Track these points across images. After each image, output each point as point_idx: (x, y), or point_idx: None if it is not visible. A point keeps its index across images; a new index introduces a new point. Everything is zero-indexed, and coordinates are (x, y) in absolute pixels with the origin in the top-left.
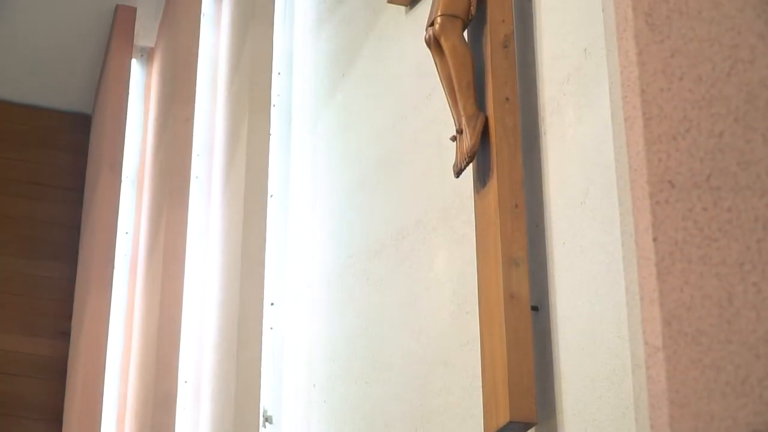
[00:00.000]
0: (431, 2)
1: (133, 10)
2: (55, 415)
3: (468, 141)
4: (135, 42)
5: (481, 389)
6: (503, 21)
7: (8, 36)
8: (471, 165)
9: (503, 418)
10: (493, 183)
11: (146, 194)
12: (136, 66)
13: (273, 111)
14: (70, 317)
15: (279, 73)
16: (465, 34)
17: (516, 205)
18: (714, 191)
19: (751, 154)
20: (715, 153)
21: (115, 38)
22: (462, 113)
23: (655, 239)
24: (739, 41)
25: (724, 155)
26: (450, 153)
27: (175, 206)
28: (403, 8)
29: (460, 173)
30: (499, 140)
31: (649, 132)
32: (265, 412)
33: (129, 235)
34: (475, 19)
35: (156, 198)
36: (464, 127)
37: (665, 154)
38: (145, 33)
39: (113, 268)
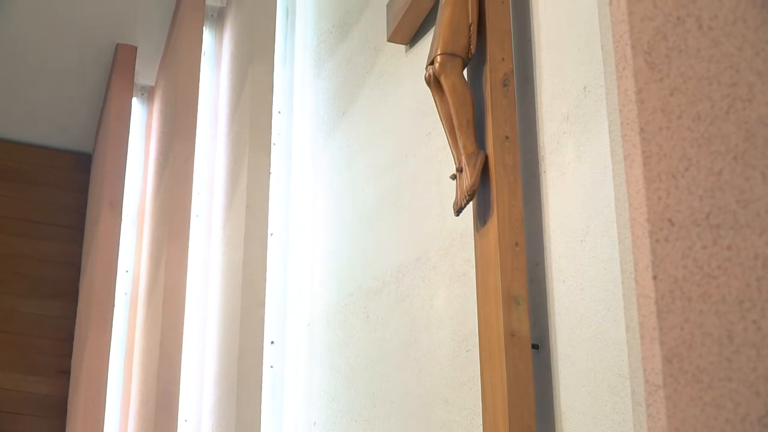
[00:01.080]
0: (431, 41)
1: (134, 49)
2: None
3: (468, 179)
4: (135, 81)
5: (481, 428)
6: (503, 59)
7: (9, 74)
8: (471, 203)
9: None
10: (493, 221)
11: (146, 233)
12: (136, 105)
13: (273, 149)
14: (70, 356)
15: (279, 112)
16: (465, 72)
17: (516, 243)
18: (714, 229)
19: (751, 192)
20: (714, 191)
21: (116, 77)
22: (462, 151)
23: (654, 277)
24: (738, 79)
25: (723, 193)
26: (450, 191)
27: (175, 244)
28: (402, 47)
29: (461, 211)
30: (499, 178)
31: (648, 170)
32: None
33: (129, 274)
34: (474, 58)
35: (156, 236)
36: (464, 165)
37: (665, 192)
38: (146, 72)
39: (113, 306)
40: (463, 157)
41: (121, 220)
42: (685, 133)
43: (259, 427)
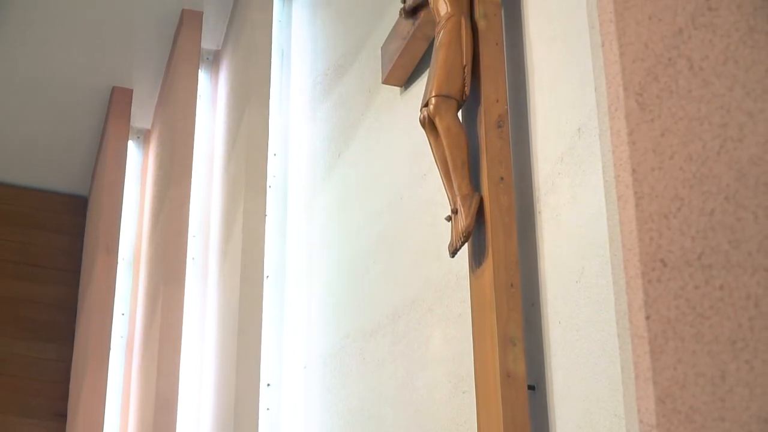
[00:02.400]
0: (425, 83)
1: (130, 92)
2: None
3: (463, 221)
4: (131, 124)
5: None
6: (497, 101)
7: (5, 116)
8: (466, 245)
9: None
10: (488, 262)
11: (142, 275)
12: (132, 147)
13: (269, 192)
14: (66, 398)
15: (275, 154)
16: (459, 114)
17: (511, 285)
18: (706, 269)
19: (743, 232)
20: (706, 231)
21: (112, 120)
22: (457, 193)
23: (648, 317)
24: (729, 120)
25: (715, 233)
26: (445, 233)
27: (171, 287)
28: (397, 89)
29: (456, 253)
30: (494, 220)
31: (640, 211)
32: None
33: (125, 317)
34: (469, 99)
35: (152, 279)
36: (459, 206)
37: (657, 232)
38: (142, 114)
39: (110, 349)
40: (458, 199)
41: (116, 262)
42: (676, 173)
43: None
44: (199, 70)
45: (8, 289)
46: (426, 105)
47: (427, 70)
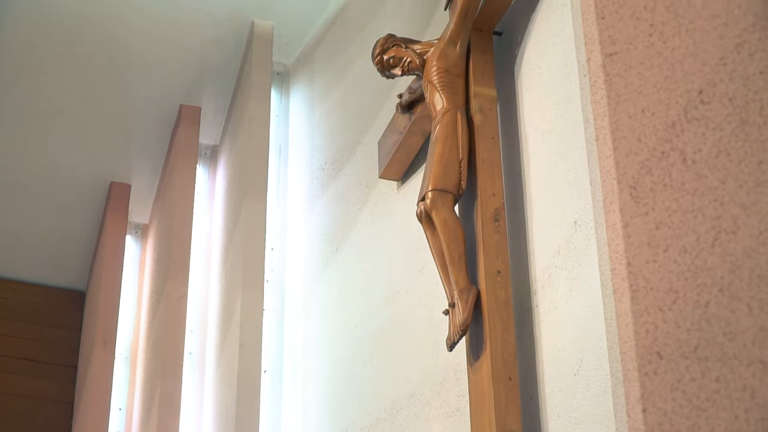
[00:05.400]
0: (422, 177)
1: (128, 187)
2: None
3: (461, 314)
4: (129, 218)
5: None
6: (493, 195)
7: (3, 211)
8: (464, 338)
9: None
10: (486, 356)
11: (140, 370)
12: (130, 242)
13: (266, 286)
14: None
15: (272, 249)
16: (456, 208)
17: (510, 378)
18: (701, 362)
19: (737, 324)
20: (701, 323)
21: (110, 215)
22: (454, 287)
23: (644, 410)
24: (722, 212)
25: (710, 326)
26: (443, 326)
27: (168, 382)
28: (394, 183)
29: (454, 347)
30: (491, 313)
31: (636, 304)
32: None
33: (122, 412)
34: (465, 193)
35: (149, 374)
36: (457, 300)
37: (653, 325)
38: (140, 209)
39: None
40: (456, 293)
41: (114, 357)
42: (671, 266)
43: None
44: (197, 165)
45: (5, 384)
46: (423, 199)
47: (424, 165)
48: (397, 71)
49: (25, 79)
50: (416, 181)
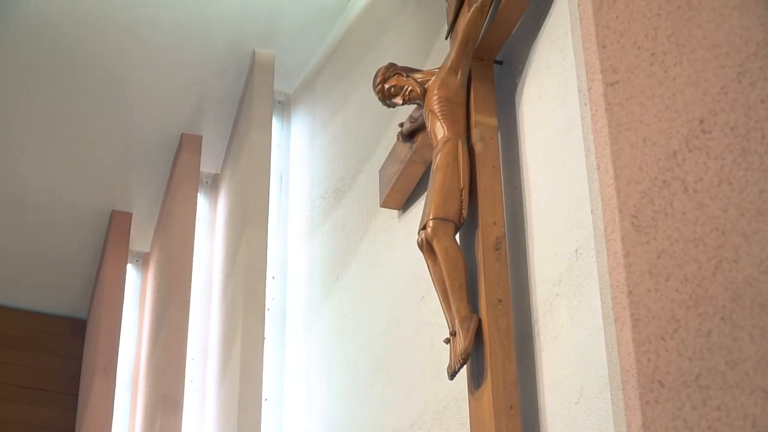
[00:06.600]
0: (423, 206)
1: (129, 216)
2: None
3: (462, 343)
4: (130, 247)
5: None
6: (495, 223)
7: (4, 240)
8: (465, 367)
9: None
10: (487, 385)
11: (140, 398)
12: (131, 270)
13: (267, 315)
14: None
15: (273, 277)
16: (457, 236)
17: (511, 407)
18: (703, 390)
19: (739, 353)
20: (703, 352)
21: (111, 243)
22: (455, 315)
23: None
24: (724, 241)
25: (712, 354)
26: (444, 355)
27: (169, 410)
28: (395, 212)
29: (455, 375)
30: (492, 342)
31: (637, 333)
32: None
33: None
34: (466, 222)
35: (150, 402)
36: (458, 329)
37: (654, 354)
38: (141, 238)
39: None
40: (457, 321)
41: (114, 386)
42: (673, 294)
43: None
44: (198, 194)
45: (5, 412)
46: (424, 228)
47: (425, 193)
48: (398, 100)
49: (26, 106)
50: (417, 210)
